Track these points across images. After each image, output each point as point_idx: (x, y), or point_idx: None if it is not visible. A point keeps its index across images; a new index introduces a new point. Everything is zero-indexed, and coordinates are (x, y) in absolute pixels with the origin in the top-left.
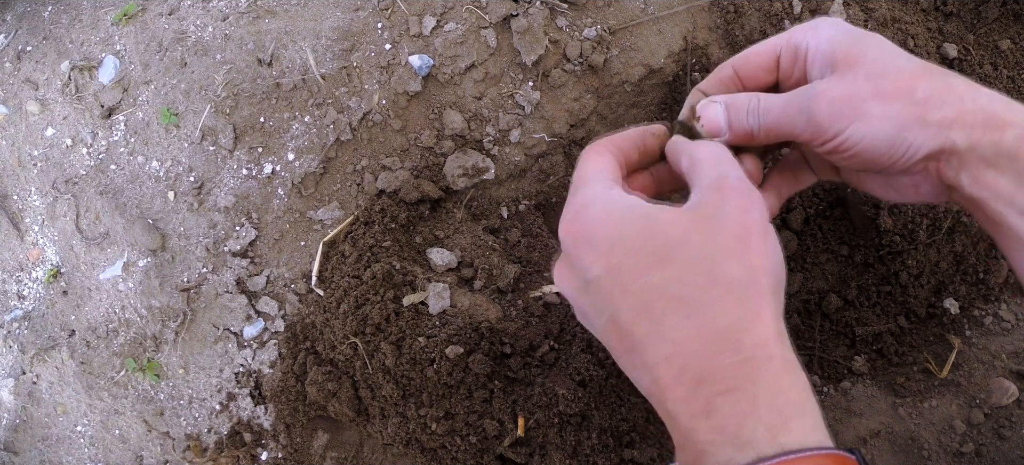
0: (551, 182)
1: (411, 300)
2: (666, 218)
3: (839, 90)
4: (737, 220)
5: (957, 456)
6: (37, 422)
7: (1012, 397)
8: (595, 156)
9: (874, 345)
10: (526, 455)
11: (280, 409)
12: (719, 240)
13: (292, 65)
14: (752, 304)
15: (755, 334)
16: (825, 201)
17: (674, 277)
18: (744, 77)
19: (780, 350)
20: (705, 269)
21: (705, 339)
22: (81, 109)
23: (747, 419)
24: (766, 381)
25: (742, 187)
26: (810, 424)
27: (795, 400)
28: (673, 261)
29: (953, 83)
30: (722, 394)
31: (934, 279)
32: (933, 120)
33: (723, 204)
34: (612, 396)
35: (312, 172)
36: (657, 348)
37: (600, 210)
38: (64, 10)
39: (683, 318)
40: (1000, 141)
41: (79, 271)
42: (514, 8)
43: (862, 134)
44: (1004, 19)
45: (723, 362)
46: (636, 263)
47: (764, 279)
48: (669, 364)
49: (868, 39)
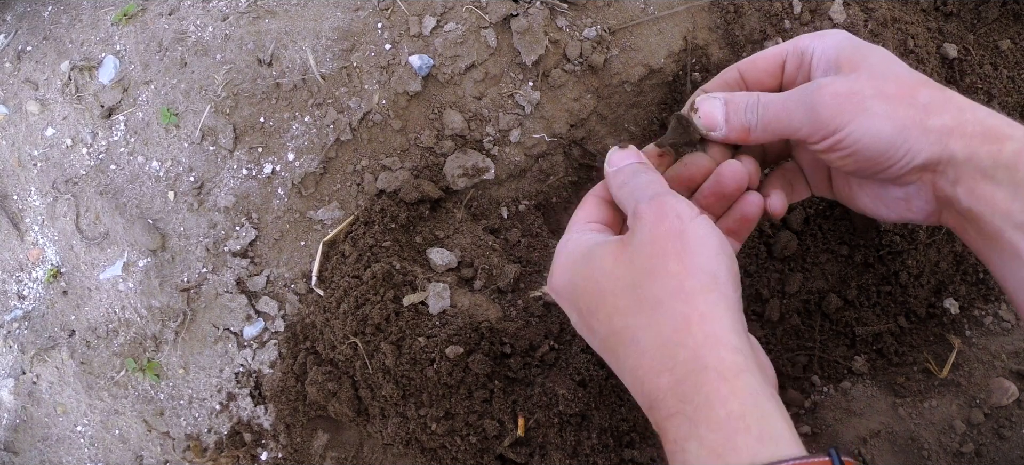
0: (551, 182)
1: (411, 300)
2: (599, 255)
3: (842, 86)
4: (650, 236)
5: (957, 456)
6: (37, 422)
7: (1012, 397)
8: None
9: (874, 345)
10: (526, 455)
11: (280, 409)
12: (638, 264)
13: (292, 65)
14: (677, 315)
15: (686, 346)
16: (825, 201)
17: (612, 311)
18: (749, 81)
19: (715, 357)
20: (632, 295)
21: (646, 364)
22: (81, 109)
23: (689, 442)
24: (702, 397)
25: (652, 202)
26: (757, 435)
27: (736, 411)
28: (607, 296)
29: (952, 95)
30: (667, 419)
31: (934, 279)
32: (933, 126)
33: (637, 226)
34: (612, 396)
35: (312, 172)
36: (624, 377)
37: (563, 260)
38: (64, 10)
39: (627, 348)
40: (999, 153)
41: (79, 271)
42: (514, 8)
43: (863, 131)
44: (1004, 19)
45: (661, 384)
46: (587, 307)
47: (689, 281)
48: (635, 392)
49: (873, 48)
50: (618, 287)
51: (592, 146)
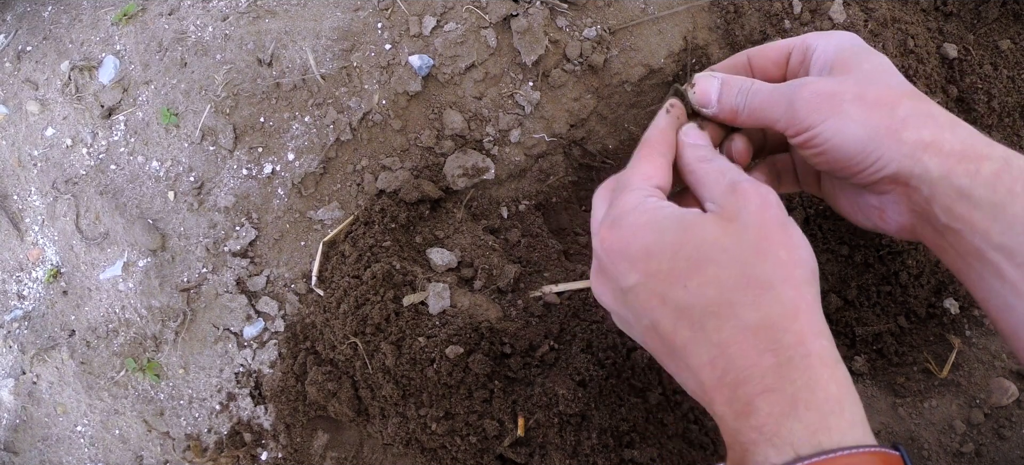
0: (551, 182)
1: (411, 300)
2: (699, 224)
3: (825, 86)
4: (758, 219)
5: (957, 456)
6: (37, 422)
7: (1012, 397)
8: (645, 160)
9: (874, 345)
10: (526, 455)
11: (280, 409)
12: (747, 241)
13: (292, 65)
14: (787, 300)
15: (793, 331)
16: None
17: (710, 281)
18: (756, 68)
19: (818, 346)
20: (739, 271)
21: (744, 341)
22: (81, 109)
23: (785, 419)
24: (804, 379)
25: (754, 187)
26: (849, 421)
27: (834, 396)
28: (708, 266)
29: (937, 112)
30: (761, 394)
31: (934, 279)
32: (908, 138)
33: (743, 206)
34: (612, 396)
35: (312, 172)
36: (699, 353)
37: (636, 219)
38: (64, 10)
39: (722, 321)
40: (976, 173)
41: (79, 271)
42: (514, 8)
43: (834, 131)
44: (1004, 19)
45: (762, 363)
46: (672, 270)
47: (797, 271)
48: (712, 367)
49: (872, 55)
50: (723, 259)
51: (592, 146)
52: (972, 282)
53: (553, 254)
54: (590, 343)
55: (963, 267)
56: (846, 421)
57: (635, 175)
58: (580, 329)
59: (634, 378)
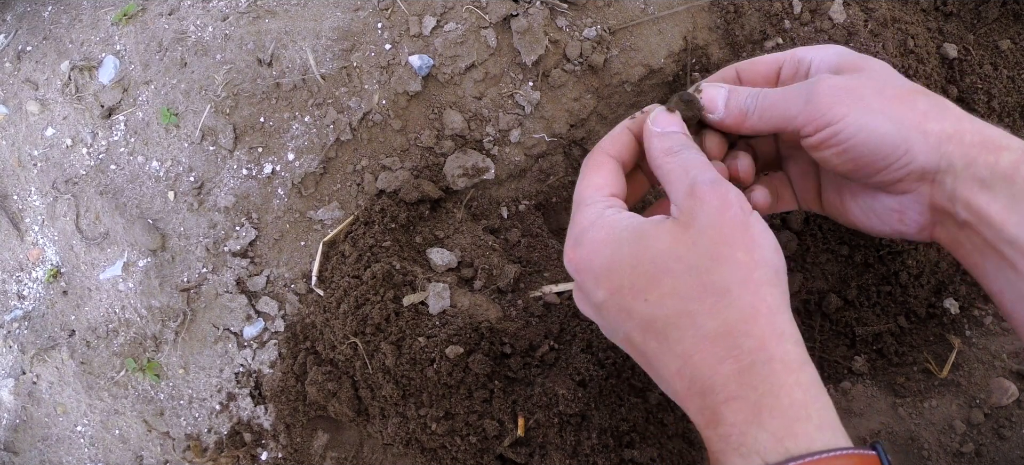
0: (551, 182)
1: (411, 300)
2: (654, 234)
3: (841, 81)
4: (716, 222)
5: (957, 456)
6: (37, 422)
7: (1012, 397)
8: (593, 171)
9: (874, 345)
10: (526, 455)
11: (280, 409)
12: (702, 247)
13: (292, 65)
14: (745, 305)
15: (753, 336)
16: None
17: (668, 293)
18: (746, 82)
19: (780, 350)
20: (694, 280)
21: (705, 349)
22: (81, 109)
23: (750, 427)
24: (767, 386)
25: (715, 187)
26: (816, 425)
27: (799, 400)
28: (664, 277)
29: (949, 105)
30: (725, 403)
31: (934, 279)
32: (932, 130)
33: (700, 209)
34: (612, 396)
35: (312, 172)
36: (667, 364)
37: (594, 236)
38: (64, 10)
39: (683, 332)
40: (996, 164)
41: (79, 271)
42: (514, 8)
43: (860, 125)
44: (1004, 19)
45: (723, 370)
46: (632, 285)
47: (756, 273)
48: (680, 377)
49: (871, 59)
50: (678, 269)
51: (592, 146)
52: (987, 277)
53: (553, 254)
54: (590, 343)
55: (979, 261)
56: (813, 425)
57: (586, 188)
58: (580, 329)
59: (634, 378)
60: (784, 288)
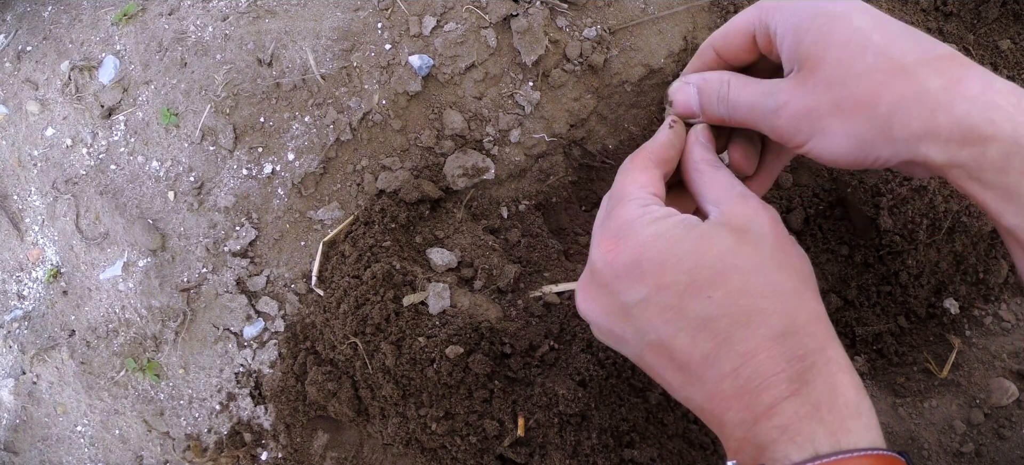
0: (551, 182)
1: (411, 300)
2: (714, 234)
3: (800, 102)
4: (772, 232)
5: (957, 456)
6: (37, 422)
7: (1012, 397)
8: (638, 169)
9: (874, 345)
10: (526, 455)
11: (280, 409)
12: (765, 251)
13: (292, 65)
14: (810, 307)
15: (815, 338)
16: (825, 201)
17: (737, 290)
18: (726, 57)
19: (836, 351)
20: (764, 279)
21: (772, 349)
22: (81, 109)
23: (808, 420)
24: (827, 384)
25: (763, 203)
26: (865, 424)
27: (853, 400)
28: (733, 274)
29: (926, 87)
30: (787, 399)
31: (934, 279)
32: (899, 136)
33: (755, 217)
34: (612, 396)
35: (312, 172)
36: (721, 364)
37: (643, 231)
38: (64, 10)
39: (750, 330)
40: (983, 156)
41: (79, 271)
42: (514, 8)
43: (821, 148)
44: (1004, 19)
45: (789, 370)
46: (693, 282)
47: (811, 281)
48: (735, 376)
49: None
50: (747, 268)
51: (592, 146)
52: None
53: (553, 254)
54: (590, 343)
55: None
56: (862, 423)
57: (631, 184)
58: (580, 329)
59: (634, 378)
60: None
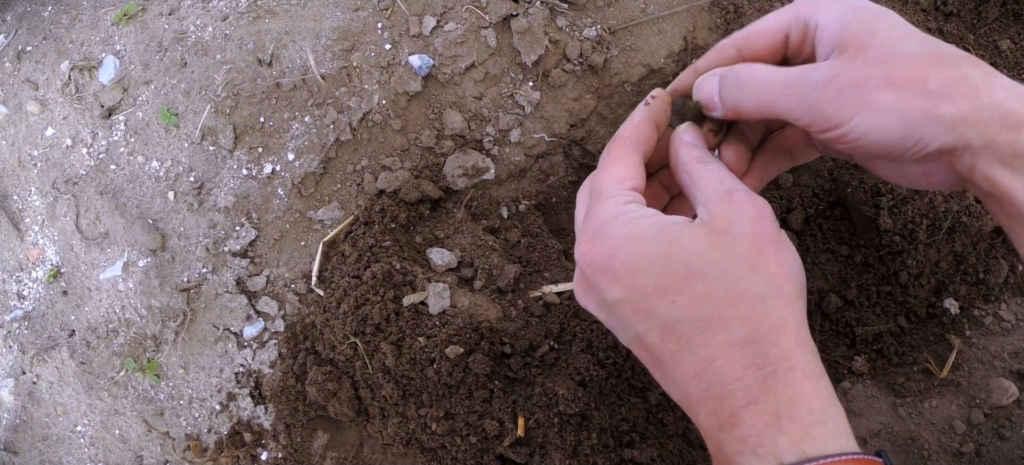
0: (551, 182)
1: (411, 300)
2: (686, 235)
3: (846, 75)
4: (752, 231)
5: (957, 456)
6: (37, 422)
7: (1012, 397)
8: (614, 161)
9: (874, 345)
10: (526, 455)
11: (280, 409)
12: (738, 254)
13: (292, 65)
14: (774, 315)
15: (778, 346)
16: (825, 201)
17: (699, 296)
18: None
19: (802, 359)
20: (728, 285)
21: (731, 355)
22: (81, 109)
23: (769, 430)
24: (788, 393)
25: (749, 197)
26: (832, 430)
27: (817, 408)
28: (696, 280)
29: (968, 73)
30: (746, 407)
31: (934, 279)
32: (945, 115)
33: (736, 216)
34: (612, 396)
35: (312, 172)
36: (685, 366)
37: (617, 231)
38: (64, 10)
39: (710, 336)
40: (1016, 142)
41: (79, 271)
42: (514, 8)
43: (868, 126)
44: (1004, 19)
45: (747, 377)
46: (659, 286)
47: (786, 286)
48: (698, 380)
49: (879, 18)
50: (713, 273)
51: (592, 146)
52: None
53: (553, 254)
54: (590, 343)
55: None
56: (830, 431)
57: (607, 179)
58: (580, 329)
59: (634, 378)
60: (805, 303)
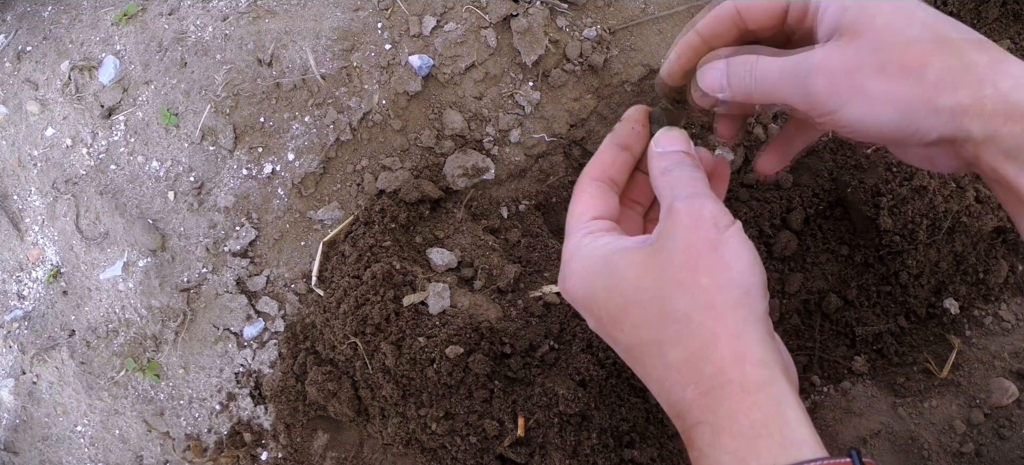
0: (551, 182)
1: (411, 300)
2: (623, 264)
3: (838, 62)
4: (684, 246)
5: (957, 456)
6: (37, 422)
7: (1012, 397)
8: (575, 198)
9: (874, 345)
10: (526, 455)
11: (280, 409)
12: (668, 274)
13: (292, 65)
14: (703, 333)
15: (712, 362)
16: (825, 201)
17: (639, 323)
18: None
19: (738, 372)
20: (658, 309)
21: (671, 377)
22: (81, 109)
23: (712, 449)
24: (726, 408)
25: (688, 204)
26: (779, 442)
27: (758, 420)
28: (633, 307)
29: (972, 61)
30: (693, 427)
31: (934, 279)
32: (944, 106)
33: (672, 231)
34: (612, 396)
35: (312, 172)
36: (651, 385)
37: (577, 268)
38: (64, 10)
39: (654, 360)
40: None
41: (79, 271)
42: (514, 8)
43: (861, 114)
44: (1004, 19)
45: (688, 397)
46: (608, 316)
47: (720, 296)
48: (661, 398)
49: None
50: (644, 299)
51: (592, 146)
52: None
53: (553, 254)
54: (590, 343)
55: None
56: (776, 442)
57: (570, 217)
58: (580, 329)
59: (634, 378)
60: (755, 305)
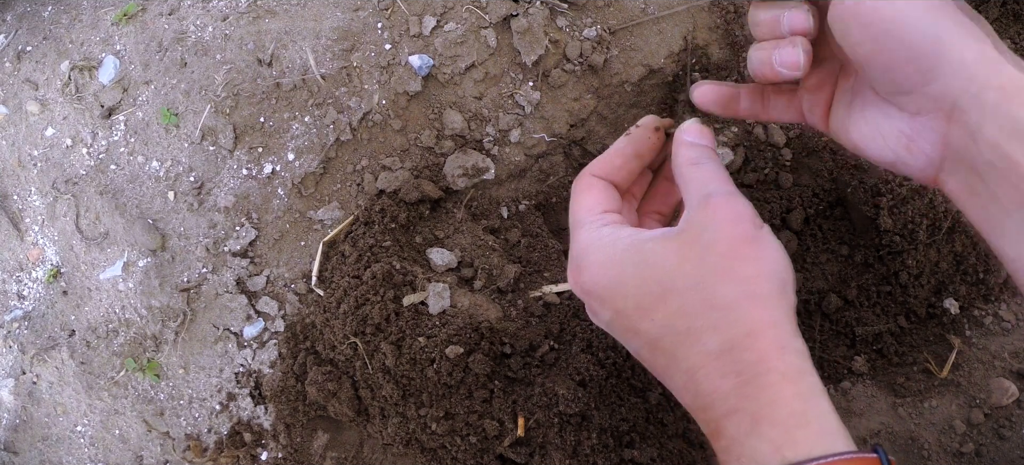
0: (551, 182)
1: (411, 300)
2: (658, 251)
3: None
4: (724, 236)
5: (957, 456)
6: (37, 422)
7: (1012, 397)
8: (583, 192)
9: (874, 345)
10: (526, 455)
11: (280, 409)
12: (709, 262)
13: (292, 65)
14: (747, 321)
15: (754, 351)
16: (825, 201)
17: (675, 311)
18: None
19: (781, 361)
20: (700, 296)
21: (708, 366)
22: (81, 109)
23: (749, 438)
24: (766, 397)
25: (727, 200)
26: (816, 431)
27: (798, 410)
28: (671, 295)
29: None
30: (726, 416)
31: (934, 279)
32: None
33: (709, 222)
34: (612, 396)
35: (312, 172)
36: (675, 379)
37: (596, 258)
38: (64, 10)
39: (689, 349)
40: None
41: (79, 271)
42: (514, 8)
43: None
44: (1004, 19)
45: (724, 386)
46: (637, 306)
47: (762, 286)
48: (686, 392)
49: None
50: (683, 286)
51: (592, 146)
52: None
53: (553, 254)
54: (590, 343)
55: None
56: (813, 432)
57: (579, 209)
58: (580, 329)
59: (634, 378)
60: (790, 300)
